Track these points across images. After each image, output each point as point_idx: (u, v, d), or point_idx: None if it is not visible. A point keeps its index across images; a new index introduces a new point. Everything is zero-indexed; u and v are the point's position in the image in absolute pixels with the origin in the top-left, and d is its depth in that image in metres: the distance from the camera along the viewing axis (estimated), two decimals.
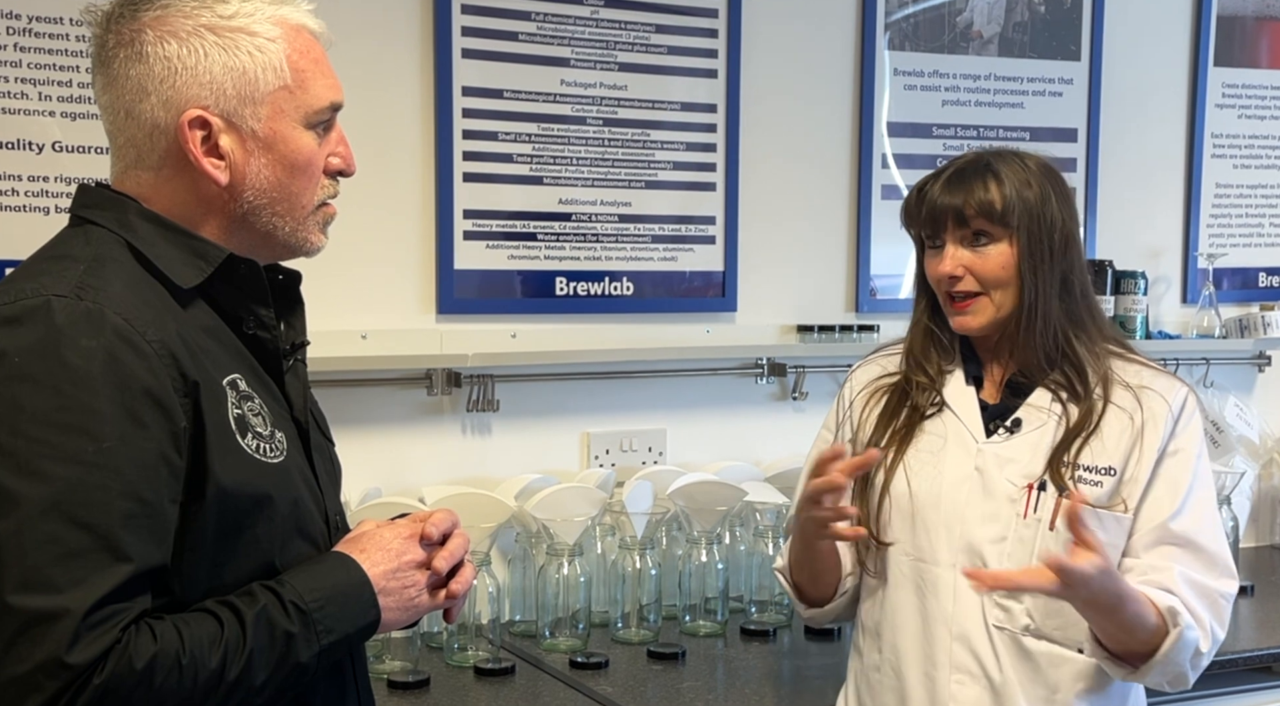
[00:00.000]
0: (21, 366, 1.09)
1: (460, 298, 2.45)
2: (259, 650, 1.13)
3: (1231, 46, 3.16)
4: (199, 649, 1.11)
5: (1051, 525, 1.61)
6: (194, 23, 1.19)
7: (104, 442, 1.08)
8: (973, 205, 1.64)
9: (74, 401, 1.08)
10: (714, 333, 2.67)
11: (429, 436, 2.45)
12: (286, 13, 1.23)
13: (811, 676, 2.17)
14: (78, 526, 1.07)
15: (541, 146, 2.50)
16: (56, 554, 1.06)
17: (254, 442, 1.19)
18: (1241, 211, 3.22)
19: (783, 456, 2.67)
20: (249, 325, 1.25)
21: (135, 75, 1.19)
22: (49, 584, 1.05)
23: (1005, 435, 1.68)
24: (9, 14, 2.11)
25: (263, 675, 1.14)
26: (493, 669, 2.15)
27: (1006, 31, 2.92)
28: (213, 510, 1.15)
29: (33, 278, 1.15)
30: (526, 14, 2.47)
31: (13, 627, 1.05)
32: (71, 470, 1.07)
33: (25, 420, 1.08)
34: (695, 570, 2.41)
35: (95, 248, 1.18)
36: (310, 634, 1.16)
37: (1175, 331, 3.10)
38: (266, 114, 1.21)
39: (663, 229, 2.62)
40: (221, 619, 1.13)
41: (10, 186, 2.14)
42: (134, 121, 1.20)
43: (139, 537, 1.09)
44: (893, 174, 2.83)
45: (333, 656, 1.21)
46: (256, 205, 1.23)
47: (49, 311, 1.11)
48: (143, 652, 1.08)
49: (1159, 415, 1.65)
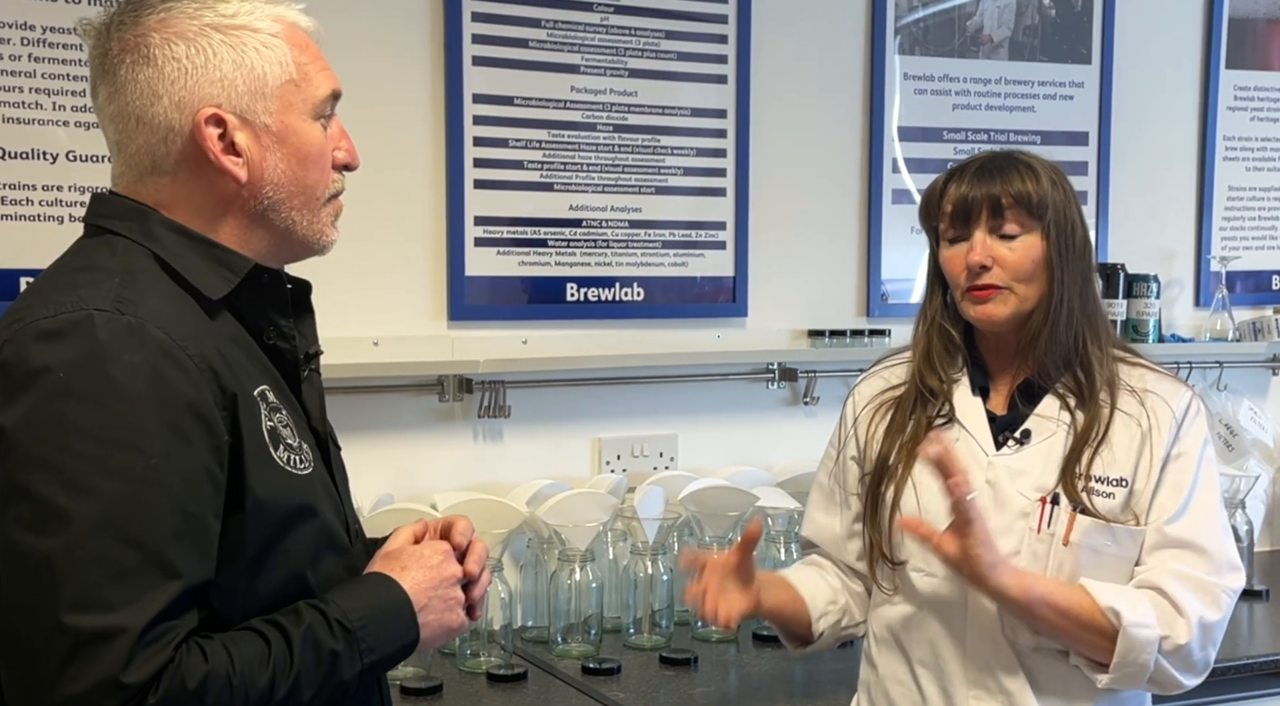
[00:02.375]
0: (67, 382, 1.08)
1: (471, 304, 2.46)
2: (306, 669, 1.14)
3: (1243, 49, 3.15)
4: (248, 668, 1.11)
5: (1066, 540, 1.59)
6: (199, 23, 1.19)
7: (152, 458, 1.08)
8: (1010, 194, 1.62)
9: (121, 417, 1.08)
10: (725, 338, 2.67)
11: (440, 442, 2.45)
12: (281, 11, 1.25)
13: (824, 682, 2.16)
14: (129, 544, 1.06)
15: (552, 153, 2.51)
16: (109, 572, 1.05)
17: (285, 455, 1.19)
18: (1254, 214, 3.21)
19: (794, 461, 2.66)
20: (269, 335, 1.25)
21: (144, 79, 1.19)
22: (103, 602, 1.05)
23: (1015, 446, 1.66)
24: (23, 25, 2.12)
25: (309, 692, 1.14)
26: (505, 675, 2.15)
27: (1017, 35, 2.92)
28: (250, 524, 1.15)
29: (67, 290, 1.14)
30: (537, 21, 2.48)
31: (66, 647, 1.04)
32: (121, 487, 1.07)
33: (73, 436, 1.07)
34: None
35: (122, 259, 1.18)
36: (354, 652, 1.17)
37: (1188, 335, 3.09)
38: (277, 108, 1.21)
39: (673, 234, 2.62)
40: (269, 638, 1.14)
41: (24, 196, 2.15)
42: (146, 127, 1.19)
43: (188, 553, 1.09)
44: (903, 178, 2.83)
45: (373, 675, 1.22)
46: (275, 200, 1.22)
47: (91, 326, 1.10)
48: (195, 672, 1.08)
49: (1163, 421, 1.63)
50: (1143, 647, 1.53)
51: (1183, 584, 1.57)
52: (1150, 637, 1.54)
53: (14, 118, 2.13)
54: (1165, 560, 1.59)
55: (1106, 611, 1.54)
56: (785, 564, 2.44)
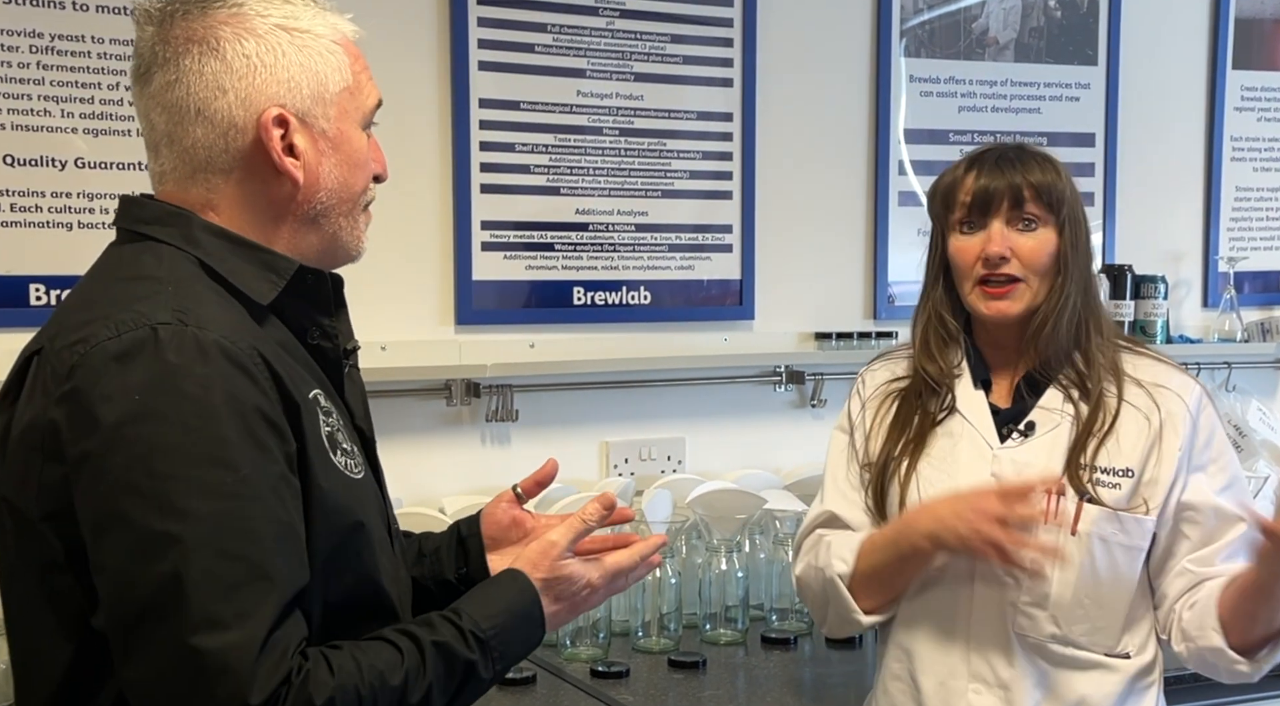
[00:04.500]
0: (144, 403, 1.06)
1: (479, 308, 2.46)
2: (437, 679, 1.15)
3: (1250, 49, 3.15)
4: (378, 680, 1.11)
5: (1073, 530, 1.60)
6: (268, 22, 1.18)
7: (241, 470, 1.07)
8: (1031, 184, 1.62)
9: (203, 433, 1.06)
10: (732, 341, 2.67)
11: (449, 446, 2.46)
12: (337, 20, 1.25)
13: (833, 684, 2.16)
14: (233, 559, 1.05)
15: (558, 157, 2.51)
16: (219, 590, 1.04)
17: (343, 460, 1.19)
18: (1262, 215, 3.20)
19: (802, 464, 2.66)
20: (313, 336, 1.23)
21: (211, 71, 1.16)
22: (217, 621, 1.04)
23: (1020, 439, 1.66)
24: (31, 33, 2.13)
25: (442, 701, 1.16)
26: (514, 678, 2.15)
27: (1022, 37, 2.92)
28: (320, 530, 1.14)
29: (125, 305, 1.11)
30: (543, 26, 2.48)
31: (191, 670, 1.04)
32: (217, 504, 1.05)
33: (159, 459, 1.05)
34: (715, 578, 2.41)
35: (170, 266, 1.15)
36: (488, 660, 1.19)
37: (1196, 335, 3.08)
38: (335, 114, 1.21)
39: (680, 238, 2.63)
40: (401, 648, 1.14)
41: (33, 202, 2.16)
42: (206, 120, 1.16)
43: (288, 561, 1.09)
44: (910, 180, 2.83)
45: (503, 675, 1.24)
46: (327, 206, 1.21)
47: (157, 342, 1.08)
48: (322, 688, 1.07)
49: (1177, 416, 1.64)
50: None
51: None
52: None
53: (23, 125, 2.14)
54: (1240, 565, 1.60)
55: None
56: (794, 567, 2.45)
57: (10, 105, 2.13)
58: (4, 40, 2.11)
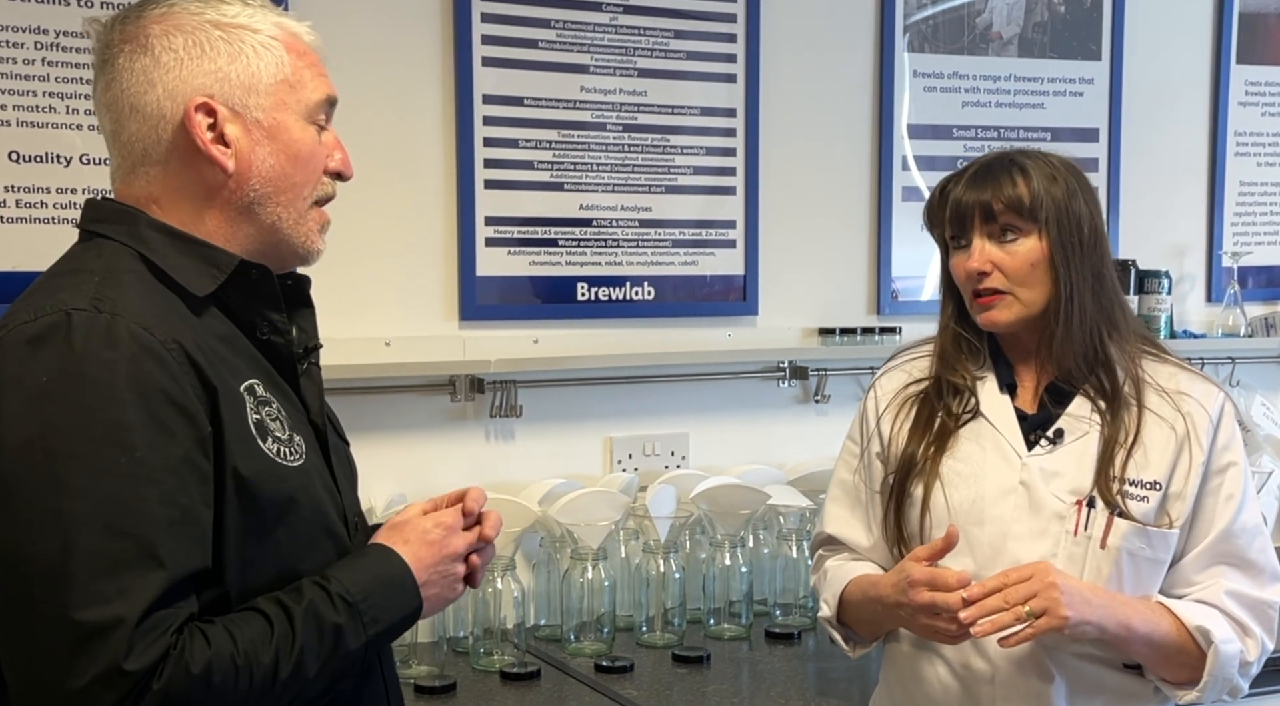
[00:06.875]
0: (49, 386, 1.10)
1: (482, 304, 2.47)
2: (309, 644, 1.16)
3: (1254, 44, 3.14)
4: (252, 648, 1.13)
5: (1103, 543, 1.57)
6: (199, 19, 1.23)
7: (136, 452, 1.10)
8: (1001, 200, 1.61)
9: (102, 415, 1.10)
10: (735, 336, 2.67)
11: (453, 442, 2.46)
12: (284, 20, 1.28)
13: (837, 679, 2.17)
14: (120, 536, 1.08)
15: (562, 153, 2.51)
16: (103, 566, 1.07)
17: (274, 446, 1.21)
18: (1266, 209, 3.20)
19: (805, 459, 2.67)
20: (263, 331, 1.27)
21: (140, 68, 1.22)
22: (99, 596, 1.07)
23: (1048, 446, 1.63)
24: (36, 29, 2.14)
25: (314, 667, 1.17)
26: (518, 673, 2.16)
27: (1026, 32, 2.92)
28: (237, 514, 1.17)
29: (50, 293, 1.17)
30: (546, 21, 2.48)
31: (69, 642, 1.06)
32: (108, 482, 1.09)
33: (59, 437, 1.09)
34: (719, 573, 2.41)
35: (107, 260, 1.20)
36: (357, 625, 1.20)
37: (1200, 330, 3.08)
38: (269, 104, 1.24)
39: (683, 233, 2.63)
40: (270, 617, 1.16)
41: (39, 199, 2.16)
42: (139, 114, 1.22)
43: (180, 543, 1.11)
44: (913, 176, 2.83)
45: (379, 646, 1.25)
46: (262, 194, 1.25)
47: (69, 326, 1.12)
48: (198, 657, 1.10)
49: (1200, 426, 1.61)
50: (1229, 663, 1.56)
51: (1239, 602, 1.60)
52: (1234, 653, 1.57)
53: (28, 121, 2.14)
54: (1218, 578, 1.60)
55: (1195, 632, 1.55)
56: (798, 562, 2.46)
57: (15, 101, 2.13)
58: (9, 37, 2.12)
